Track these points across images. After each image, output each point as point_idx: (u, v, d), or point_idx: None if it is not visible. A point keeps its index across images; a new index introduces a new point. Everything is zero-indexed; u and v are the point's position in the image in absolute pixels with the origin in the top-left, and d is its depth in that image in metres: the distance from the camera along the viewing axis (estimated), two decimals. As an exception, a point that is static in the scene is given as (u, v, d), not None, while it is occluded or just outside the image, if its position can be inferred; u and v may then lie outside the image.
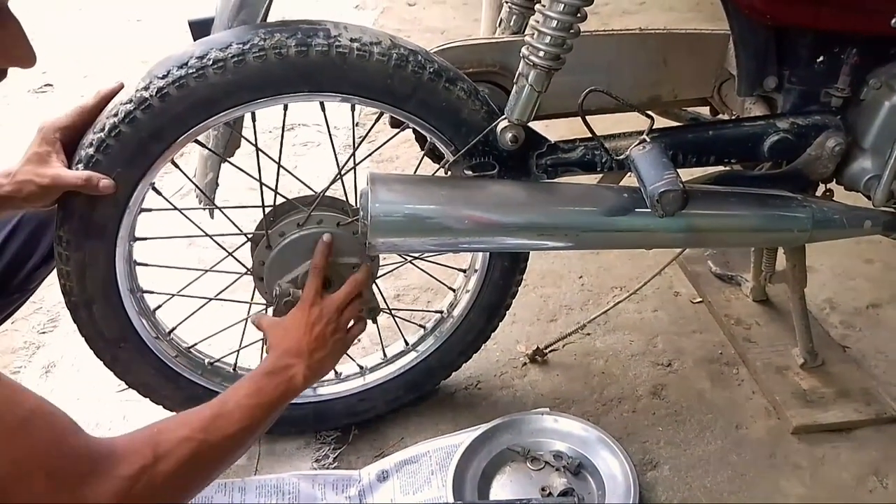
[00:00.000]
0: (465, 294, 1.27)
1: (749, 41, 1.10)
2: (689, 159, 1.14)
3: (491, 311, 1.27)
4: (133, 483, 0.74)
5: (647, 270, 1.35)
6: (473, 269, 1.25)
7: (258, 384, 0.96)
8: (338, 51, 0.97)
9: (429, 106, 1.03)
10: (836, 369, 1.40)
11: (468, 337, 1.29)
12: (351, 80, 0.99)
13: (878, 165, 1.12)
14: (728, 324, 1.51)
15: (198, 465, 0.82)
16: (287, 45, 0.95)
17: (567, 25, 0.97)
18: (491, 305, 1.25)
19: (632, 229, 1.09)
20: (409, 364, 1.30)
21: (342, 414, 1.30)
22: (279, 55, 0.95)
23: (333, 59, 0.97)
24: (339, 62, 0.97)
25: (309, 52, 0.96)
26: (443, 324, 1.29)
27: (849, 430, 1.30)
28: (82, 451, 0.73)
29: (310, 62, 0.96)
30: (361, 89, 1.00)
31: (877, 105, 1.10)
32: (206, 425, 0.86)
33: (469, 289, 1.25)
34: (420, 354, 1.29)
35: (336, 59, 0.97)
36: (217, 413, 0.88)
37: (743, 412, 1.34)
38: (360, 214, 1.04)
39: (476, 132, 1.05)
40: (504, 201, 1.07)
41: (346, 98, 1.02)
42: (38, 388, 1.39)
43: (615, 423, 1.32)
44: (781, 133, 1.12)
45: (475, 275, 1.24)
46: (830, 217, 1.12)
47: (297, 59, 0.96)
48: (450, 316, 1.29)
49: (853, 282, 1.66)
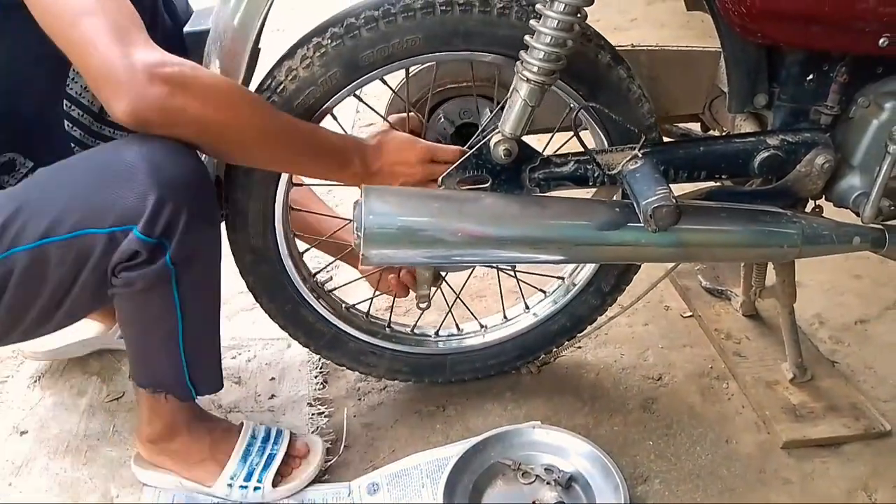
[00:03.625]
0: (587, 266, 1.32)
1: (740, 59, 1.11)
2: (680, 175, 1.14)
3: (603, 296, 1.33)
4: (176, 65, 0.88)
5: (638, 284, 1.36)
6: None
7: (323, 134, 1.04)
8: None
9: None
10: (825, 384, 1.40)
11: (582, 309, 1.34)
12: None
13: (866, 182, 1.13)
14: (718, 338, 1.52)
15: (227, 104, 0.93)
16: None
17: (561, 42, 0.98)
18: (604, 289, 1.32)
19: (624, 243, 1.10)
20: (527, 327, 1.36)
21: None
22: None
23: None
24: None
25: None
26: (563, 290, 1.35)
27: (838, 444, 1.30)
28: (144, 36, 0.89)
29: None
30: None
31: (865, 123, 1.12)
32: (254, 96, 1.00)
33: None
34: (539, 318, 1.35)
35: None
36: (271, 106, 1.01)
37: (733, 426, 1.35)
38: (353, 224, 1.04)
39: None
40: (497, 214, 1.07)
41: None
42: (26, 398, 1.38)
43: (606, 436, 1.32)
44: (771, 150, 1.13)
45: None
46: (820, 233, 1.13)
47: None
48: (571, 284, 1.34)
49: (842, 297, 1.67)
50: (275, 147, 1.00)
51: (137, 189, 0.90)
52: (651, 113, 1.14)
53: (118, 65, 0.85)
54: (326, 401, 1.39)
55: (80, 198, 0.92)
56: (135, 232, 0.91)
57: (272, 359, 1.48)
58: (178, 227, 0.94)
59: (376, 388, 1.42)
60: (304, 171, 1.11)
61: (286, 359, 1.48)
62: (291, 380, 1.43)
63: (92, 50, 0.86)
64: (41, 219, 0.91)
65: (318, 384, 1.42)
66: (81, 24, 0.86)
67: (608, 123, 1.13)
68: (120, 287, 0.97)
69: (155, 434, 1.16)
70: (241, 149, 0.99)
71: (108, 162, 0.93)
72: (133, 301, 1.01)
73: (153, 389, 1.12)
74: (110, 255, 0.93)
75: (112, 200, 0.91)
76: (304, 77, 1.04)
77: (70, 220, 0.91)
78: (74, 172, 0.96)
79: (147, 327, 1.06)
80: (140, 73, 0.85)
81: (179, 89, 0.87)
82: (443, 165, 1.09)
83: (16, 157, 1.08)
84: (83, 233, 0.92)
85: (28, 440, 1.30)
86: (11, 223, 0.92)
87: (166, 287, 0.99)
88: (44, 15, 0.89)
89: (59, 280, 0.96)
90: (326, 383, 1.43)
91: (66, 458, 1.27)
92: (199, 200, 0.97)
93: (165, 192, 0.91)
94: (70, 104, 1.08)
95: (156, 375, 1.11)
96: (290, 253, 1.20)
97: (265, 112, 0.98)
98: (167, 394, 1.12)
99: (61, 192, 0.93)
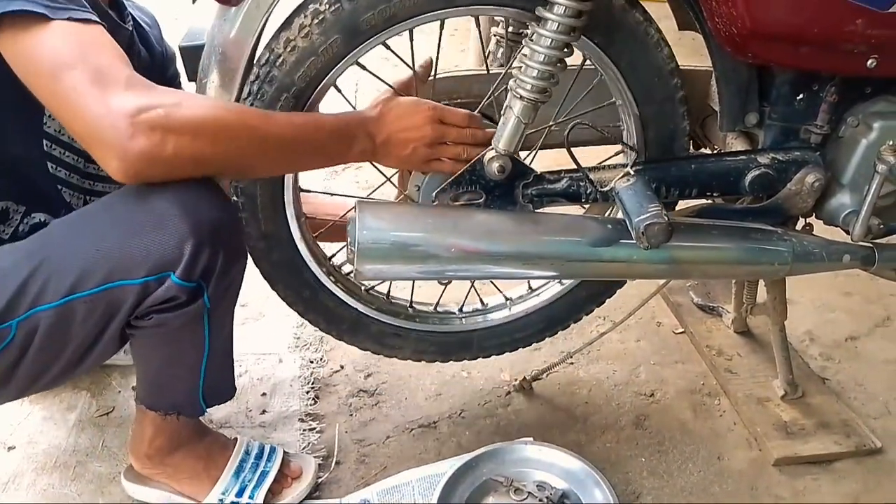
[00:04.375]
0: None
1: (731, 78, 1.13)
2: (672, 192, 1.15)
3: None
4: (157, 107, 0.83)
5: (630, 300, 1.37)
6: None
7: (320, 121, 0.98)
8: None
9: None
10: (816, 401, 1.41)
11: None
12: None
13: (855, 201, 1.14)
14: (710, 354, 1.52)
15: (220, 132, 0.87)
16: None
17: (554, 60, 0.99)
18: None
19: (616, 260, 1.10)
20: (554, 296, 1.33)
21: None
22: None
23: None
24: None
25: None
26: None
27: (829, 461, 1.31)
28: (127, 73, 0.85)
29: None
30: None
31: (854, 142, 1.13)
32: (241, 109, 0.94)
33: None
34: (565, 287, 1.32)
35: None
36: (262, 112, 0.96)
37: (725, 443, 1.35)
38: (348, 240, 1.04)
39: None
40: (490, 230, 1.08)
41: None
42: (13, 413, 1.37)
43: (598, 453, 1.32)
44: (762, 168, 1.15)
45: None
46: (810, 251, 1.14)
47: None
48: None
49: (832, 314, 1.68)
50: (279, 155, 0.96)
51: (172, 236, 0.88)
52: (672, 58, 1.09)
53: (102, 124, 0.81)
54: (318, 416, 1.38)
55: (108, 249, 0.88)
56: (172, 278, 0.89)
57: (264, 374, 1.48)
58: (215, 269, 0.92)
59: (368, 404, 1.41)
60: (314, 165, 1.05)
61: (278, 374, 1.48)
62: (283, 395, 1.43)
63: (75, 111, 0.82)
64: (65, 274, 0.88)
65: (309, 399, 1.42)
66: (61, 81, 0.82)
67: (629, 76, 1.09)
68: (149, 327, 0.95)
69: (154, 450, 1.15)
70: (248, 168, 0.95)
71: (134, 210, 0.89)
72: (159, 338, 0.99)
73: (165, 412, 1.11)
74: (140, 304, 0.91)
75: (145, 250, 0.88)
76: (303, 48, 0.99)
77: (98, 273, 0.88)
78: (97, 224, 0.92)
79: (171, 359, 1.04)
80: (123, 129, 0.81)
81: (167, 133, 0.83)
82: (452, 128, 1.04)
83: (8, 204, 1.05)
84: (113, 285, 0.89)
85: (16, 455, 1.29)
86: (32, 281, 0.89)
87: (199, 322, 0.98)
88: (26, 75, 0.85)
89: (85, 336, 0.93)
90: (318, 398, 1.42)
91: (53, 474, 1.25)
92: (233, 239, 0.96)
93: (202, 237, 0.89)
94: (50, 143, 1.06)
95: (171, 399, 1.10)
96: (304, 237, 1.16)
97: (259, 125, 0.92)
98: (179, 414, 1.11)
99: (85, 244, 0.89)
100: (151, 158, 0.82)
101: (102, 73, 0.83)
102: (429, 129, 1.02)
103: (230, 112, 0.91)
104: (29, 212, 1.06)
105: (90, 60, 0.83)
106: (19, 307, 0.89)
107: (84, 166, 1.11)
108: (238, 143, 0.90)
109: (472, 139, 1.06)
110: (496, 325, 1.34)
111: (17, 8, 0.83)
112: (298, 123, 0.96)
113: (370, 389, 1.45)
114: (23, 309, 0.89)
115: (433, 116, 1.02)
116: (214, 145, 0.87)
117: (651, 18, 1.07)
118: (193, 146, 0.85)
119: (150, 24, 1.27)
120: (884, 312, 1.69)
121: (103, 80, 0.82)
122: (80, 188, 1.12)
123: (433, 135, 1.02)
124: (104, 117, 0.81)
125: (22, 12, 0.83)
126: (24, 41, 0.84)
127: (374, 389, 1.45)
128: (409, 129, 1.02)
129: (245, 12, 1.01)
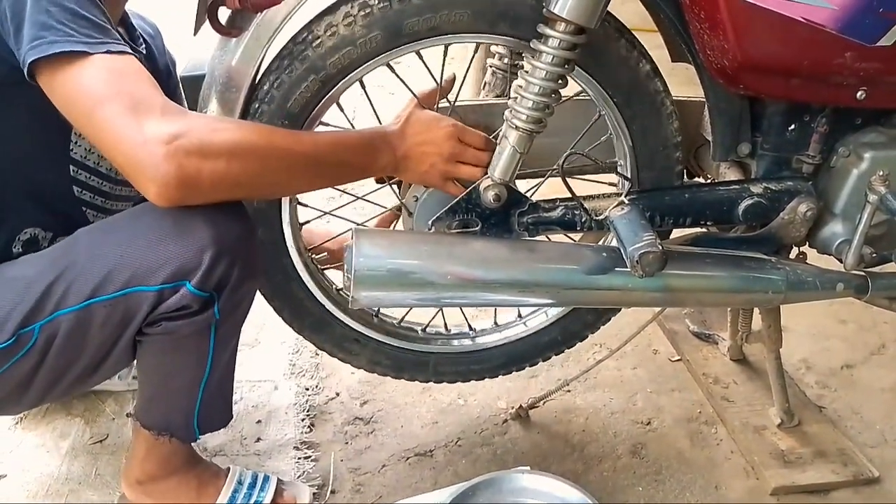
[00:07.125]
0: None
1: (723, 109, 1.14)
2: (666, 221, 1.16)
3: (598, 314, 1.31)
4: (191, 133, 0.85)
5: (625, 327, 1.37)
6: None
7: (344, 137, 1.02)
8: None
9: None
10: (812, 429, 1.41)
11: (575, 325, 1.32)
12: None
13: (848, 230, 1.15)
14: (706, 382, 1.52)
15: (251, 153, 0.90)
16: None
17: (549, 91, 1.01)
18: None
19: (611, 288, 1.11)
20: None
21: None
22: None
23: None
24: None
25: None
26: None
27: (827, 491, 1.30)
28: (162, 101, 0.87)
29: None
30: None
31: (846, 172, 1.15)
32: (270, 131, 0.96)
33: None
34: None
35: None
36: (289, 132, 0.98)
37: (722, 472, 1.34)
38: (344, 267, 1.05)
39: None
40: (486, 258, 1.08)
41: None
42: (5, 440, 1.36)
43: (595, 482, 1.31)
44: (755, 197, 1.16)
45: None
46: (803, 279, 1.15)
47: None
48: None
49: (828, 342, 1.69)
50: (308, 172, 0.98)
51: (193, 245, 0.91)
52: (679, 132, 1.14)
53: (140, 153, 0.84)
54: (313, 444, 1.37)
55: (130, 256, 0.91)
56: (188, 287, 0.92)
57: (259, 401, 1.47)
58: (230, 281, 0.94)
59: (364, 432, 1.41)
60: (340, 181, 1.06)
61: (273, 401, 1.47)
62: (278, 423, 1.42)
63: (114, 140, 0.85)
64: (88, 279, 0.91)
65: (304, 427, 1.41)
66: (100, 113, 0.85)
67: (637, 141, 1.13)
68: (157, 334, 0.97)
69: (145, 475, 1.14)
70: (278, 187, 0.99)
71: (158, 219, 0.92)
72: (165, 346, 1.00)
73: (158, 431, 1.10)
74: (154, 310, 0.93)
75: (165, 257, 0.91)
76: (343, 35, 1.00)
77: (119, 278, 0.91)
78: (122, 232, 0.94)
79: (174, 372, 1.05)
80: (160, 157, 0.83)
81: (203, 159, 0.86)
82: (470, 149, 1.06)
83: (36, 231, 1.07)
84: (132, 290, 0.91)
85: (7, 484, 1.28)
86: (56, 286, 0.91)
87: (206, 335, 0.99)
88: (65, 108, 0.88)
89: (101, 342, 0.95)
90: (313, 426, 1.42)
91: (46, 503, 1.24)
92: (250, 254, 0.98)
93: (222, 247, 0.92)
94: (76, 168, 1.08)
95: (166, 418, 1.10)
96: (291, 221, 1.16)
97: (288, 145, 0.95)
98: (171, 436, 1.11)
99: (108, 251, 0.92)
100: (189, 184, 0.86)
101: (138, 102, 0.86)
102: (447, 146, 1.04)
103: (260, 135, 0.94)
104: (55, 237, 1.08)
105: (126, 91, 0.86)
106: (43, 311, 0.92)
107: (109, 188, 1.14)
108: (268, 163, 0.93)
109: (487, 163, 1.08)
110: (456, 353, 1.34)
111: (61, 50, 0.85)
112: (324, 141, 0.99)
113: (366, 417, 1.44)
114: (46, 313, 0.92)
115: (453, 133, 1.05)
116: (247, 168, 0.91)
117: (669, 91, 1.11)
118: (228, 170, 0.88)
119: (153, 33, 1.30)
120: (879, 340, 1.70)
121: (139, 109, 0.85)
122: (104, 209, 1.15)
123: (451, 151, 1.05)
124: (142, 146, 0.84)
125: (64, 53, 0.85)
126: (65, 78, 0.86)
127: (370, 417, 1.44)
128: (429, 143, 1.04)
129: (245, 44, 1.02)
